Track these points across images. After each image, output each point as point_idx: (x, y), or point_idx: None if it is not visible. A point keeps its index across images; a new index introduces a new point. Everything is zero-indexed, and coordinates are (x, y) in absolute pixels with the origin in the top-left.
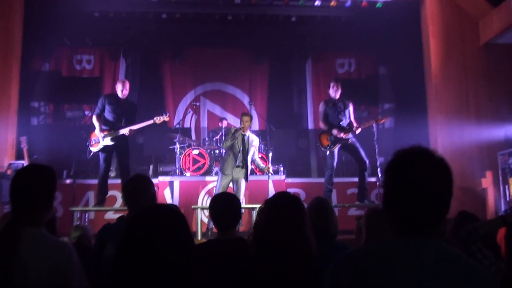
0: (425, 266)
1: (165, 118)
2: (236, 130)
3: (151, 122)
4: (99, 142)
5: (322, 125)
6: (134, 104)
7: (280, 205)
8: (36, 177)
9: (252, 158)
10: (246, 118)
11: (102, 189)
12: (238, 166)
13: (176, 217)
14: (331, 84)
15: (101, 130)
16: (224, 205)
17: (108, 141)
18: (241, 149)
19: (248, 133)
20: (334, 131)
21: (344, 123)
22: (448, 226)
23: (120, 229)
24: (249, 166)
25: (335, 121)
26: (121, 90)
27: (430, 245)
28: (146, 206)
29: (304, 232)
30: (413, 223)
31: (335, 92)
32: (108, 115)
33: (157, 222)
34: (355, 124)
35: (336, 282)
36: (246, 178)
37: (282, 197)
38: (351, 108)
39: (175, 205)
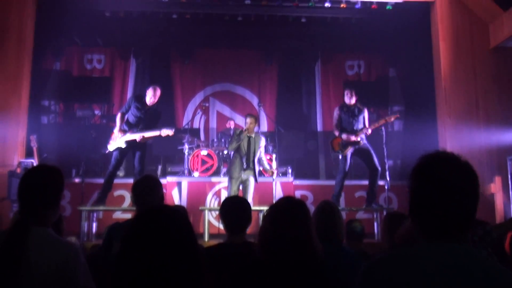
0: (457, 272)
1: (170, 132)
2: (241, 131)
3: (157, 133)
4: (115, 141)
5: (335, 131)
6: (159, 112)
7: (285, 209)
8: (44, 178)
9: (258, 158)
10: (250, 120)
11: (106, 187)
12: (245, 168)
13: (180, 219)
14: (345, 92)
15: (120, 130)
16: (234, 208)
17: (122, 143)
18: (247, 151)
19: (253, 134)
20: (344, 136)
21: (358, 128)
22: None
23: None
24: (257, 167)
25: (348, 126)
26: (150, 97)
27: (461, 250)
28: (153, 206)
29: (310, 236)
30: (443, 228)
31: (349, 99)
32: (130, 117)
33: (160, 223)
34: (357, 131)
35: None
36: (255, 179)
37: (287, 201)
38: (365, 114)
39: (182, 206)
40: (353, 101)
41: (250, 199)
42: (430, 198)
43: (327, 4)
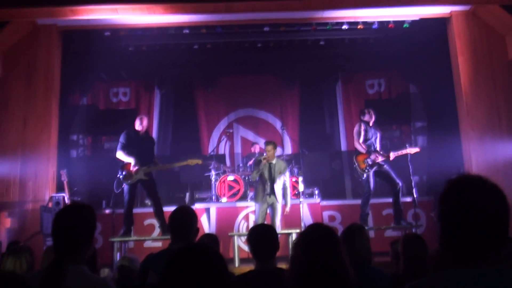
0: None
1: (198, 162)
2: (260, 160)
3: (184, 163)
4: (131, 176)
5: (359, 146)
6: (153, 139)
7: (315, 237)
8: (77, 216)
9: (284, 186)
10: (269, 147)
11: (127, 220)
12: (269, 194)
13: (214, 258)
14: (367, 110)
15: (137, 163)
16: (262, 237)
17: (141, 175)
18: (268, 177)
19: (274, 160)
20: (373, 156)
21: (376, 147)
22: None
23: (161, 259)
24: (279, 192)
25: (371, 144)
26: (138, 126)
27: (497, 272)
28: (189, 243)
29: (342, 262)
30: (478, 252)
31: (370, 118)
32: (132, 150)
33: (196, 261)
34: (382, 152)
35: None
36: (280, 201)
37: (316, 229)
38: (378, 137)
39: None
40: (372, 121)
41: (278, 222)
42: (462, 224)
43: (344, 27)
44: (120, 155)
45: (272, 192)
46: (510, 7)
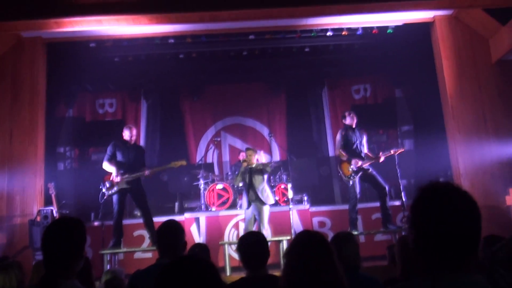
0: None
1: (182, 162)
2: (240, 162)
3: (168, 166)
4: (114, 186)
5: (340, 153)
6: (142, 148)
7: (306, 244)
8: (66, 231)
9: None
10: (249, 152)
11: (117, 232)
12: (252, 198)
13: (208, 272)
14: (347, 113)
15: (118, 174)
16: (251, 245)
17: (124, 184)
18: (249, 181)
19: (254, 165)
20: (353, 162)
21: (362, 151)
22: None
23: (150, 275)
24: (263, 193)
25: (354, 150)
26: (128, 136)
27: (468, 280)
28: (177, 257)
29: (334, 268)
30: (448, 259)
31: (351, 120)
32: (120, 159)
33: (186, 275)
34: (370, 155)
35: None
36: (265, 204)
37: (306, 236)
38: (365, 138)
39: (203, 245)
40: (354, 123)
41: (265, 225)
42: (433, 231)
43: (329, 33)
44: (106, 165)
45: (256, 196)
46: (493, 10)
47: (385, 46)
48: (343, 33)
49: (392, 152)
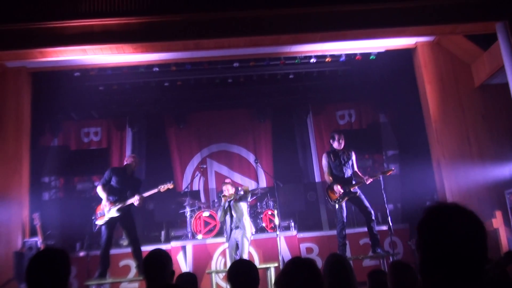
0: None
1: (169, 186)
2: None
3: (155, 190)
4: (104, 215)
5: (327, 178)
6: (140, 180)
7: (294, 273)
8: (51, 263)
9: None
10: (225, 187)
11: (104, 262)
12: (233, 228)
13: None
14: (335, 136)
15: (108, 201)
16: (241, 274)
17: (114, 213)
18: (230, 214)
19: (232, 197)
20: (335, 188)
21: (348, 174)
22: None
23: None
24: (243, 223)
25: (339, 173)
26: (135, 164)
27: None
28: (164, 285)
29: None
30: (456, 280)
31: (338, 144)
32: (115, 186)
33: None
34: (360, 175)
35: None
36: (246, 232)
37: (295, 264)
38: (353, 157)
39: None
40: (341, 146)
41: (245, 256)
42: (441, 252)
43: (312, 60)
44: (99, 190)
45: (237, 226)
46: (474, 36)
47: (368, 72)
48: (327, 59)
49: (379, 174)
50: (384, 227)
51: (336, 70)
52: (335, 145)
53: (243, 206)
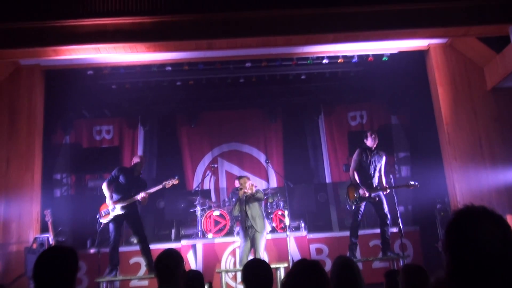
0: None
1: (174, 181)
2: (237, 190)
3: (160, 187)
4: (109, 213)
5: (353, 176)
6: (145, 181)
7: (302, 274)
8: (58, 261)
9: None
10: (242, 180)
11: (113, 259)
12: (248, 227)
13: None
14: (369, 133)
15: (111, 199)
16: (256, 273)
17: (118, 210)
18: (245, 209)
19: (249, 192)
20: (361, 191)
21: (375, 177)
22: None
23: None
24: (259, 221)
25: (366, 173)
26: (142, 164)
27: None
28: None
29: None
30: (485, 282)
31: (373, 141)
32: (121, 185)
33: None
34: (384, 180)
35: None
36: (261, 232)
37: (302, 266)
38: (383, 161)
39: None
40: (375, 144)
41: (261, 254)
42: (469, 255)
43: (325, 61)
44: (104, 187)
45: (252, 224)
46: (487, 39)
47: (381, 73)
48: (339, 60)
49: (403, 186)
50: (395, 229)
51: (348, 71)
52: (369, 142)
53: (258, 205)
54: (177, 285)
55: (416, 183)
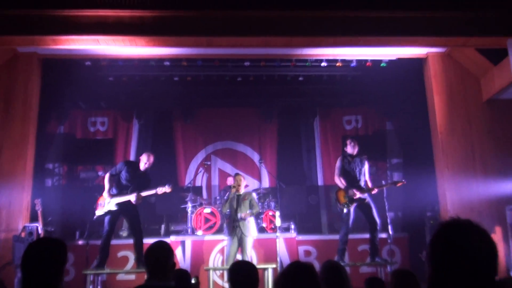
0: None
1: (167, 189)
2: (230, 187)
3: (153, 191)
4: (104, 206)
5: (338, 181)
6: (149, 178)
7: (294, 277)
8: (47, 252)
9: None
10: (238, 178)
11: (103, 252)
12: (236, 226)
13: None
14: (348, 141)
15: (108, 193)
16: (242, 274)
17: (112, 206)
18: (236, 208)
19: (242, 191)
20: (351, 192)
21: (361, 180)
22: None
23: None
24: (246, 224)
25: (352, 178)
26: (145, 162)
27: None
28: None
29: None
30: None
31: (352, 149)
32: (122, 179)
33: None
34: (370, 184)
35: None
36: (248, 236)
37: (296, 268)
38: (366, 165)
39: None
40: (355, 151)
41: (247, 256)
42: (452, 267)
43: (323, 64)
44: (106, 178)
45: (238, 225)
46: (485, 50)
47: (378, 79)
48: (337, 64)
49: (390, 184)
50: (384, 235)
51: (346, 75)
52: (349, 149)
53: (250, 207)
54: (167, 278)
55: (404, 180)
